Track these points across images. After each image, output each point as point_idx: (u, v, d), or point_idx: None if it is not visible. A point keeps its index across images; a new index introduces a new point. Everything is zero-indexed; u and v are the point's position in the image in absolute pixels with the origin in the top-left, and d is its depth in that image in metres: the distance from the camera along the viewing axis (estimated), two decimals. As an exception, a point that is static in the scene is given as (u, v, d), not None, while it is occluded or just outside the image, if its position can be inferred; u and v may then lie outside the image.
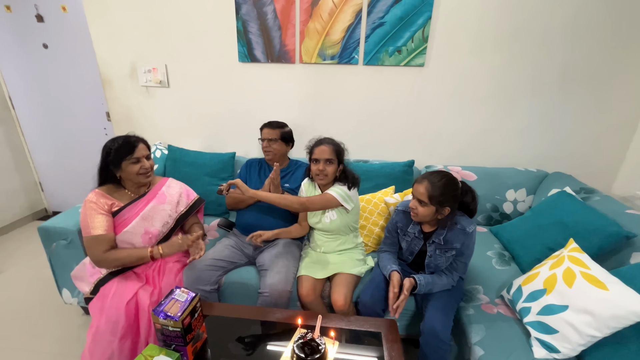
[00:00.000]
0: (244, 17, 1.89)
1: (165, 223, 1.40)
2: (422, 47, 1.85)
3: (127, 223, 1.31)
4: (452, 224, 1.25)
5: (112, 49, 2.08)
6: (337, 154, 1.41)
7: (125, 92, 2.18)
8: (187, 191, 1.53)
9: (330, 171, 1.40)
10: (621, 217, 1.37)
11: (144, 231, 1.34)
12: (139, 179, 1.34)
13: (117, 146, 1.30)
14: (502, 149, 2.05)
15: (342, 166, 1.45)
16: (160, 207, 1.39)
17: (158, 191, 1.42)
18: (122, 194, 1.37)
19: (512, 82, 1.89)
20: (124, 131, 2.31)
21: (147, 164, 1.35)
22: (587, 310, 0.97)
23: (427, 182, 1.19)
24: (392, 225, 1.44)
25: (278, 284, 1.29)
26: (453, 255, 1.28)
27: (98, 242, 1.25)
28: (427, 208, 1.20)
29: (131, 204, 1.35)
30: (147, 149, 1.36)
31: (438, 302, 1.23)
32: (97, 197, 1.30)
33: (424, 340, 1.18)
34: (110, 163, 1.31)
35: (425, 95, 1.97)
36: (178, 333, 0.94)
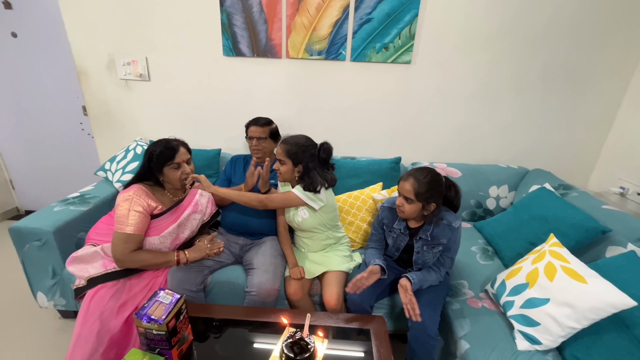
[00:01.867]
0: (229, 9, 1.84)
1: (192, 231, 1.40)
2: (409, 45, 1.85)
3: (164, 228, 1.29)
4: (438, 219, 1.26)
5: (88, 39, 1.98)
6: (290, 154, 1.34)
7: (103, 85, 2.08)
8: (212, 201, 1.54)
9: (283, 170, 1.37)
10: (597, 213, 1.43)
11: (175, 237, 1.33)
12: (180, 184, 1.33)
13: (159, 151, 1.28)
14: (486, 146, 2.10)
15: (300, 167, 1.36)
16: (194, 216, 1.39)
17: (193, 199, 1.42)
18: (163, 196, 1.35)
19: (496, 80, 1.93)
20: (102, 127, 2.23)
21: (188, 168, 1.33)
22: (567, 303, 1.00)
23: (413, 179, 1.20)
24: (377, 221, 1.44)
25: (266, 283, 1.27)
26: (440, 251, 1.30)
27: (128, 241, 1.20)
28: (414, 205, 1.21)
29: (172, 209, 1.33)
30: (187, 153, 1.35)
31: (426, 298, 1.25)
32: (144, 195, 1.26)
33: (412, 335, 1.20)
34: (153, 168, 1.29)
35: (412, 93, 1.98)
36: (162, 336, 0.91)
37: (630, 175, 1.85)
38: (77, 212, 1.57)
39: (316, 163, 1.38)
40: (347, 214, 1.74)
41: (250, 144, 1.64)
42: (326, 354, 1.02)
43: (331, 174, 1.44)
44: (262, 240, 1.54)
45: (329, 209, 1.43)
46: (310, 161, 1.36)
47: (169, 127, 2.14)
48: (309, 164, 1.36)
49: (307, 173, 1.37)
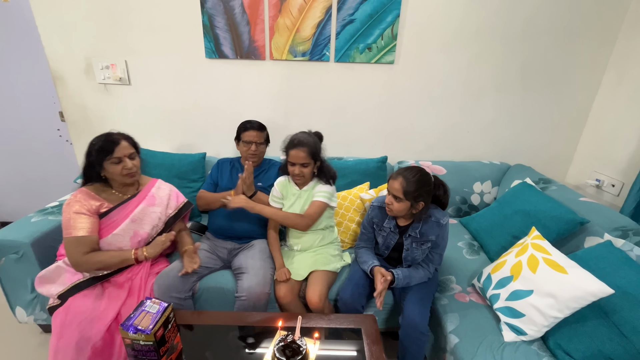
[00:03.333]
0: (210, 11, 1.81)
1: (155, 226, 1.35)
2: (391, 45, 1.88)
3: (116, 225, 1.25)
4: (426, 217, 1.29)
5: (63, 42, 1.91)
6: (313, 155, 1.40)
7: (81, 90, 2.01)
8: (176, 193, 1.48)
9: (307, 172, 1.42)
10: (575, 205, 1.48)
11: (133, 234, 1.28)
12: (123, 179, 1.28)
13: (98, 146, 1.23)
14: (469, 143, 2.15)
15: (319, 163, 1.45)
16: (151, 210, 1.34)
17: (148, 192, 1.36)
18: (110, 195, 1.30)
19: (477, 79, 1.98)
20: (80, 133, 2.15)
21: (130, 163, 1.27)
22: (550, 294, 1.04)
23: (402, 178, 1.22)
24: (367, 221, 1.46)
25: (256, 287, 1.26)
26: (429, 247, 1.32)
27: (79, 244, 1.17)
28: (402, 203, 1.23)
29: (121, 205, 1.28)
30: (131, 148, 1.29)
31: (416, 295, 1.27)
32: (84, 196, 1.23)
33: (404, 332, 1.21)
34: (94, 163, 1.23)
35: (396, 92, 2.01)
36: (150, 347, 0.89)
37: (605, 168, 1.93)
38: (57, 222, 1.50)
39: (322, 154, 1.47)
40: (335, 214, 1.74)
41: (248, 148, 1.59)
42: (318, 355, 1.02)
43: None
44: (250, 243, 1.52)
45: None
46: (318, 157, 1.45)
47: (151, 132, 2.09)
48: (322, 158, 1.46)
49: (322, 168, 1.46)
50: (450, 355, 1.14)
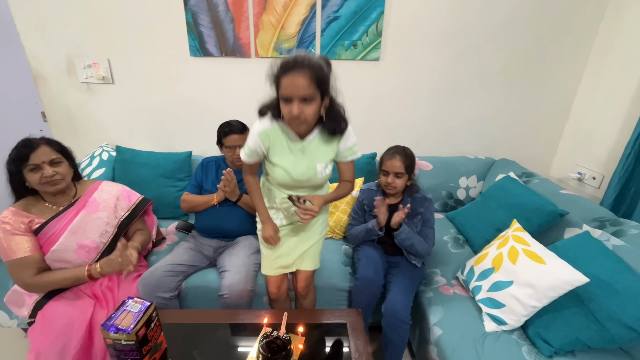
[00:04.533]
0: (193, 8, 1.80)
1: (104, 232, 1.26)
2: (376, 42, 1.88)
3: (55, 240, 1.16)
4: (414, 192, 1.42)
5: (43, 41, 1.87)
6: (319, 84, 0.95)
7: (63, 89, 1.98)
8: (127, 193, 1.38)
9: (310, 113, 0.98)
10: (556, 197, 1.51)
11: (77, 245, 1.19)
12: (44, 188, 1.15)
13: (13, 153, 1.12)
14: (455, 139, 2.17)
15: (327, 100, 1.02)
16: (94, 216, 1.24)
17: (88, 198, 1.26)
18: (42, 208, 1.19)
19: (461, 75, 2.00)
20: (64, 133, 2.12)
21: (50, 170, 1.13)
22: (529, 284, 1.06)
23: (399, 155, 1.36)
24: (358, 204, 1.55)
25: (238, 284, 1.26)
26: (419, 220, 1.42)
27: (23, 266, 1.10)
28: (403, 178, 1.37)
29: (55, 218, 1.18)
30: (54, 152, 1.16)
31: (400, 285, 1.30)
32: (11, 215, 1.13)
33: (386, 321, 1.24)
34: (13, 173, 1.13)
35: (383, 89, 2.02)
36: (132, 346, 0.89)
37: (587, 161, 1.97)
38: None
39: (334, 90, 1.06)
40: None
41: (232, 153, 1.50)
42: (304, 350, 1.02)
43: None
44: (235, 241, 1.52)
45: None
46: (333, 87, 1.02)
47: (136, 131, 2.07)
48: (332, 91, 1.03)
49: (332, 107, 1.05)
50: (434, 346, 1.16)
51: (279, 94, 0.99)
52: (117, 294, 1.21)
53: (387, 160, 1.38)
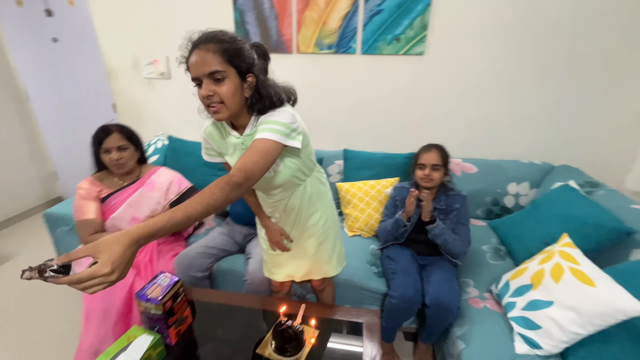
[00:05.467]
0: (241, 7, 1.89)
1: (154, 210, 1.43)
2: (421, 35, 1.79)
3: (115, 209, 1.36)
4: (448, 189, 1.42)
5: (116, 41, 2.13)
6: (231, 59, 0.82)
7: (130, 84, 2.24)
8: (179, 180, 1.55)
9: (225, 92, 0.82)
10: (624, 212, 1.30)
11: (132, 217, 1.38)
12: (111, 168, 1.37)
13: (94, 135, 1.35)
14: (506, 141, 1.98)
15: (251, 78, 0.87)
16: (148, 195, 1.42)
17: (147, 179, 1.45)
18: (111, 181, 1.42)
19: (517, 70, 1.81)
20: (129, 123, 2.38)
21: (116, 155, 1.33)
22: (572, 307, 0.93)
23: (435, 149, 1.40)
24: (391, 201, 1.57)
25: (259, 272, 1.31)
26: (455, 217, 1.39)
27: (84, 226, 1.31)
28: (440, 172, 1.38)
29: (119, 191, 1.39)
30: (122, 140, 1.35)
31: (439, 277, 1.30)
32: (87, 184, 1.36)
33: (432, 311, 1.22)
34: (94, 152, 1.36)
35: (425, 85, 1.92)
36: (160, 316, 0.98)
37: (674, 173, 1.66)
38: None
39: (263, 71, 0.92)
40: (360, 200, 1.75)
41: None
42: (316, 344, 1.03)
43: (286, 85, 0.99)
44: (263, 230, 1.57)
45: (305, 140, 0.95)
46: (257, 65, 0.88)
47: (188, 123, 2.25)
48: (258, 71, 0.88)
49: (262, 85, 0.89)
50: (456, 360, 1.09)
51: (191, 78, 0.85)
52: (156, 267, 1.34)
53: (423, 154, 1.42)
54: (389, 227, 1.45)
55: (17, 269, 2.08)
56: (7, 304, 1.81)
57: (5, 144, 2.54)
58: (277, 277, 1.24)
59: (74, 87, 2.51)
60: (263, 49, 0.94)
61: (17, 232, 2.53)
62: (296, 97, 1.00)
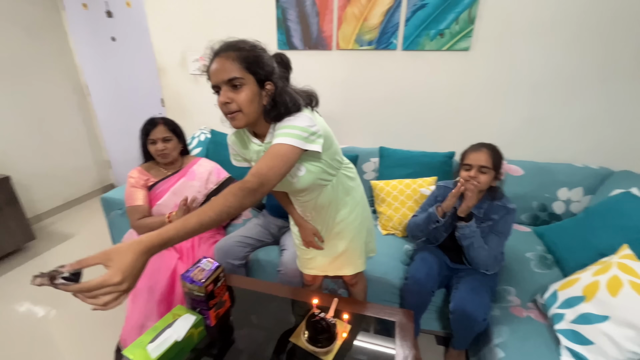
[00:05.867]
0: (284, 4, 1.93)
1: (194, 199, 1.50)
2: (467, 30, 1.72)
3: (160, 197, 1.46)
4: (496, 198, 1.26)
5: (166, 39, 2.27)
6: (249, 67, 0.83)
7: (177, 79, 2.38)
8: (218, 170, 1.63)
9: (242, 100, 0.83)
10: (699, 225, 1.16)
11: (174, 205, 1.47)
12: (157, 158, 1.47)
13: (142, 127, 1.45)
14: (558, 142, 1.84)
15: (270, 86, 0.86)
16: (190, 184, 1.51)
17: (189, 169, 1.54)
18: (157, 171, 1.52)
19: (575, 66, 1.67)
20: (175, 117, 2.53)
21: (162, 146, 1.43)
22: (630, 324, 0.86)
23: (485, 149, 1.23)
24: (430, 199, 1.45)
25: (292, 263, 1.34)
26: (488, 226, 1.26)
27: (133, 212, 1.42)
28: (489, 175, 1.22)
29: (164, 180, 1.49)
30: (166, 131, 1.45)
31: (468, 285, 1.23)
32: (137, 173, 1.47)
33: (455, 318, 1.19)
34: (142, 142, 1.47)
35: (469, 82, 1.84)
36: (202, 298, 1.04)
37: None
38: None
39: (282, 79, 0.90)
40: (394, 199, 1.72)
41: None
42: (347, 338, 1.04)
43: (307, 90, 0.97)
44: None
45: (328, 141, 0.93)
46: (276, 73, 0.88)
47: (228, 118, 2.34)
48: (277, 79, 0.88)
49: (280, 93, 0.87)
50: (494, 370, 1.04)
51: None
52: (197, 253, 1.42)
53: (471, 153, 1.26)
54: (420, 222, 1.38)
55: (76, 247, 2.32)
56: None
57: (68, 135, 2.81)
58: (309, 272, 1.27)
59: (127, 83, 2.72)
60: (284, 58, 0.94)
61: (76, 214, 2.80)
62: (317, 99, 0.98)
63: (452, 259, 1.39)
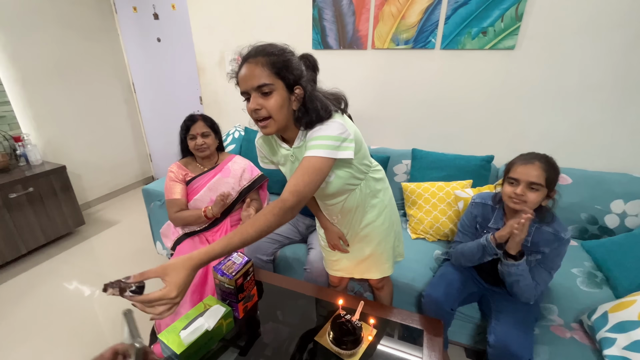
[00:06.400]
0: (320, 4, 1.93)
1: (229, 194, 1.55)
2: (514, 27, 1.62)
3: (197, 191, 1.52)
4: (546, 220, 1.07)
5: (206, 39, 2.37)
6: (279, 72, 0.82)
7: (215, 78, 2.47)
8: (251, 168, 1.66)
9: (273, 106, 0.83)
10: None
11: (210, 200, 1.52)
12: (196, 153, 1.53)
13: (182, 123, 1.51)
14: (614, 150, 1.68)
15: (299, 90, 0.86)
16: (224, 180, 1.55)
17: (224, 166, 1.59)
18: (194, 166, 1.58)
19: (636, 69, 1.52)
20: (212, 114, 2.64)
21: (201, 140, 1.49)
22: (698, 357, 0.76)
23: (538, 162, 1.03)
24: (470, 219, 1.27)
25: (319, 262, 1.34)
26: (537, 260, 1.10)
27: (172, 205, 1.49)
28: (540, 193, 1.03)
29: (201, 175, 1.54)
30: (205, 127, 1.50)
31: (511, 317, 1.10)
32: (176, 167, 1.54)
33: (494, 353, 1.07)
34: (182, 138, 1.54)
35: (513, 83, 1.73)
36: (232, 290, 1.07)
37: None
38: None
39: (311, 83, 0.89)
40: (426, 202, 1.67)
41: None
42: (373, 342, 1.02)
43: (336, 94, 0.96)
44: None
45: (357, 145, 0.90)
46: (305, 77, 0.87)
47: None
48: (306, 83, 0.87)
49: (310, 98, 0.87)
50: (530, 391, 0.97)
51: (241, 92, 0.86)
52: None
53: (519, 166, 1.06)
54: (468, 253, 1.20)
55: (120, 233, 2.49)
56: (106, 259, 2.17)
57: (116, 129, 3.03)
58: (335, 273, 1.28)
59: (169, 81, 2.87)
60: (312, 60, 0.93)
61: (119, 203, 3.01)
62: (346, 102, 0.97)
63: (487, 280, 1.29)
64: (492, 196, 1.24)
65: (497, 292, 1.25)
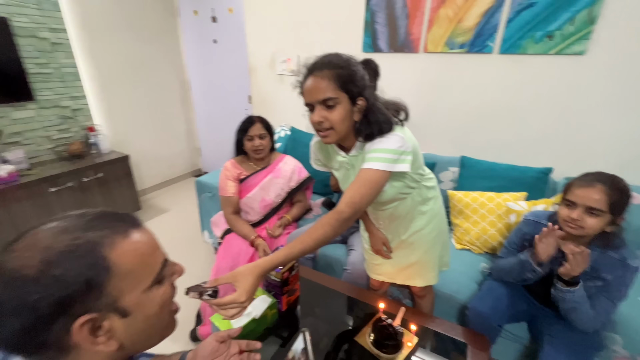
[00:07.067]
0: (373, 7, 1.94)
1: (278, 195, 1.62)
2: (585, 31, 1.50)
3: (250, 190, 1.59)
4: (610, 246, 0.98)
5: (259, 41, 2.48)
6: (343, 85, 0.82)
7: (265, 79, 2.57)
8: (299, 169, 1.71)
9: (336, 118, 0.84)
10: None
11: (261, 199, 1.59)
12: (252, 153, 1.58)
13: (240, 125, 1.58)
14: (699, 169, 1.49)
15: (362, 102, 0.85)
16: (275, 181, 1.61)
17: (276, 166, 1.65)
18: (248, 165, 1.65)
19: None
20: (260, 113, 2.76)
21: (258, 142, 1.54)
22: None
23: (601, 184, 0.94)
24: (518, 237, 1.21)
25: (359, 264, 1.35)
26: (597, 287, 1.01)
27: (226, 202, 1.58)
28: (601, 219, 0.94)
29: (254, 175, 1.61)
30: (262, 129, 1.56)
31: (567, 346, 1.03)
32: (231, 165, 1.62)
33: None
34: (238, 139, 1.60)
35: (581, 90, 1.60)
36: (277, 283, 1.12)
37: None
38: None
39: (373, 93, 0.89)
40: (474, 212, 1.61)
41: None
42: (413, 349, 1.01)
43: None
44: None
45: (414, 157, 0.90)
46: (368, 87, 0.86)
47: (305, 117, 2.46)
48: (370, 94, 0.86)
49: (372, 110, 0.87)
50: None
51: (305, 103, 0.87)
52: (273, 242, 1.55)
53: (578, 188, 0.97)
54: (508, 268, 1.16)
55: (172, 219, 2.68)
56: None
57: (172, 124, 3.27)
58: (377, 277, 1.28)
59: (221, 81, 3.04)
60: (373, 66, 0.97)
61: (170, 193, 3.25)
62: (407, 113, 0.94)
63: (539, 300, 1.21)
64: (548, 215, 1.15)
65: (551, 314, 1.17)
